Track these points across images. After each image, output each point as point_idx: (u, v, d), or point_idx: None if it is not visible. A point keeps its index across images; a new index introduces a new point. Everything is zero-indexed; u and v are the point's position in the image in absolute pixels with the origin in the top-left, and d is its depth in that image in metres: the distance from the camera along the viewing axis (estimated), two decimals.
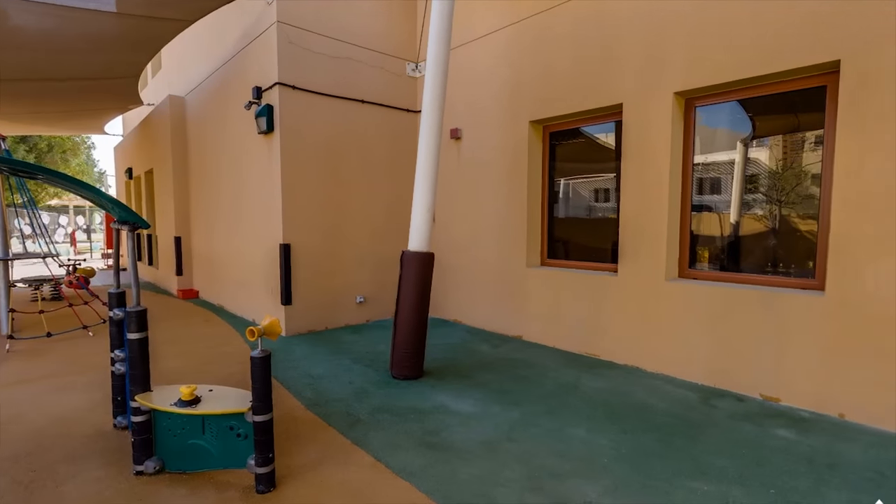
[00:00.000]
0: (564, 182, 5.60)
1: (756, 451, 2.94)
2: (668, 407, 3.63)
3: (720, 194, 4.40)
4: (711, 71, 3.96)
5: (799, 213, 3.93)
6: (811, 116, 3.76)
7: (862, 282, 3.29)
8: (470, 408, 3.62)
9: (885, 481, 2.60)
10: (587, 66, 4.81)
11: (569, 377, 4.30)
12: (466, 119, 6.15)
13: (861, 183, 3.29)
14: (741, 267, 4.25)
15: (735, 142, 4.27)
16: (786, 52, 3.57)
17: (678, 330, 4.25)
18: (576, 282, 5.06)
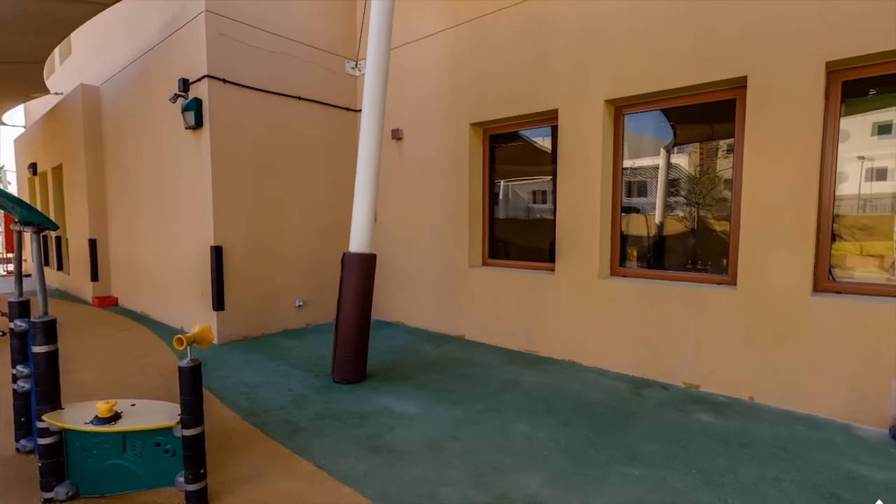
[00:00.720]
0: (504, 184, 5.75)
1: (680, 435, 3.17)
2: (602, 398, 3.82)
3: (646, 197, 4.70)
4: (636, 81, 4.22)
5: (714, 214, 4.29)
6: (724, 126, 4.12)
7: (766, 277, 3.65)
8: (413, 409, 3.62)
9: (788, 455, 2.90)
10: (524, 72, 4.96)
11: (510, 374, 4.41)
12: (408, 120, 6.14)
13: (764, 188, 3.64)
14: (665, 265, 4.57)
15: (659, 148, 4.58)
16: (701, 66, 3.88)
17: (610, 325, 4.49)
18: (516, 281, 5.20)
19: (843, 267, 3.64)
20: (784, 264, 3.58)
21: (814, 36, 3.38)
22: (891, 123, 3.55)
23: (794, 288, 3.54)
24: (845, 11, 3.26)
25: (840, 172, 3.57)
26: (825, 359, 3.43)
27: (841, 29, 3.28)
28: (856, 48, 3.25)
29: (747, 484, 2.59)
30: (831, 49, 3.33)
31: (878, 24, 3.16)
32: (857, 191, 3.64)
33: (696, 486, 2.57)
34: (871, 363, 3.26)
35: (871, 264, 3.57)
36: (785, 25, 3.49)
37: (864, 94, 3.53)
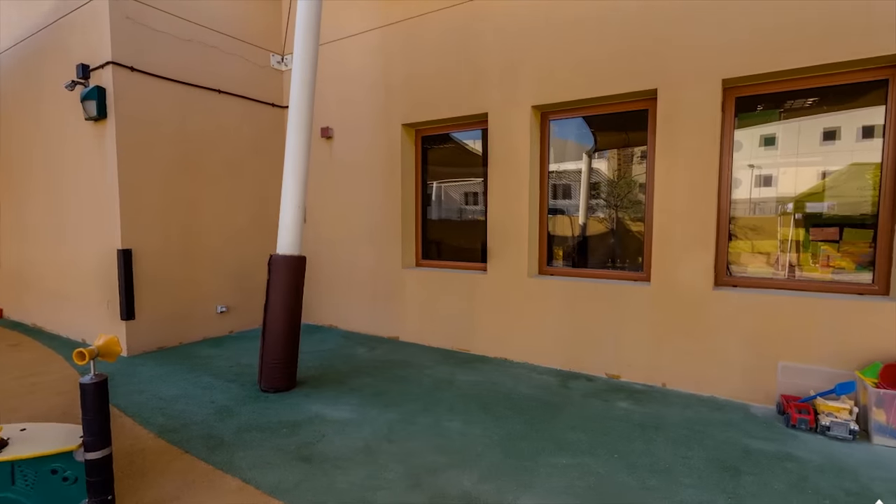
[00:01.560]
0: (437, 185, 5.79)
1: (603, 423, 3.37)
2: (532, 393, 3.97)
3: (571, 199, 4.96)
4: (560, 89, 4.44)
5: (631, 216, 4.61)
6: (638, 135, 4.45)
7: (675, 273, 4.00)
8: (347, 414, 3.54)
9: (695, 435, 3.18)
10: (455, 75, 5.04)
11: (445, 374, 4.45)
12: (338, 118, 5.99)
13: (671, 192, 3.98)
14: (588, 263, 4.85)
15: (582, 153, 4.85)
16: (616, 78, 4.16)
17: (539, 322, 4.68)
18: (449, 281, 5.26)
19: (738, 263, 4.07)
20: (690, 262, 3.93)
21: (711, 56, 3.75)
22: (774, 136, 4.03)
23: (698, 283, 3.90)
24: (736, 36, 3.65)
25: (735, 179, 3.99)
26: (724, 346, 3.82)
27: (733, 51, 3.67)
28: (745, 69, 3.65)
29: (662, 464, 2.81)
30: (726, 68, 3.71)
31: (764, 47, 3.57)
32: (748, 195, 4.10)
33: (617, 470, 2.75)
34: (761, 348, 3.68)
35: (760, 261, 4.03)
36: (687, 45, 3.83)
37: (754, 109, 3.98)
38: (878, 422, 3.06)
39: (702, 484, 2.60)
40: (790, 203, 3.93)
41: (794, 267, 3.90)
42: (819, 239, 3.80)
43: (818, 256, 3.81)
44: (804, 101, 3.83)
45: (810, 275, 3.82)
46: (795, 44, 3.46)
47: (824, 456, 2.90)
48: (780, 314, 3.61)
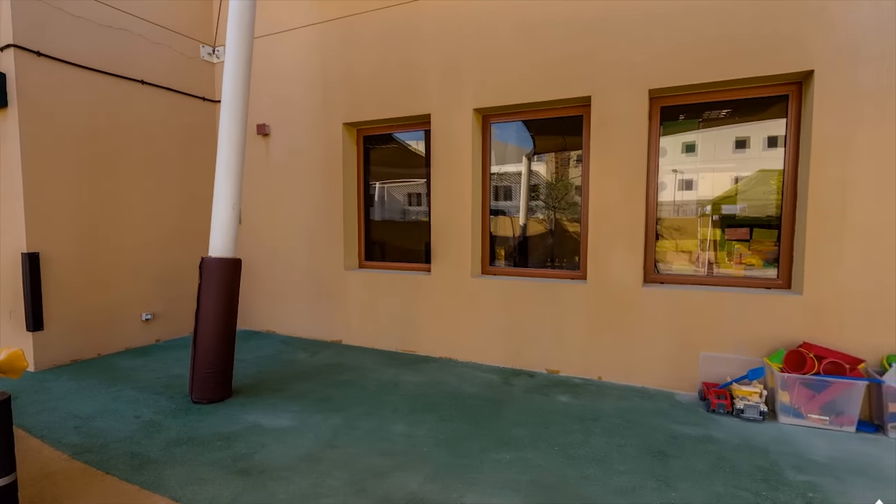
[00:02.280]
0: (380, 186, 5.73)
1: (544, 417, 3.49)
2: (477, 391, 4.03)
3: (511, 200, 5.09)
4: (500, 93, 4.55)
5: (568, 217, 4.81)
6: (574, 139, 4.65)
7: (608, 271, 4.22)
8: (287, 422, 3.41)
9: (628, 424, 3.38)
10: (397, 76, 5.01)
11: (389, 376, 4.41)
12: (276, 115, 5.77)
13: (604, 195, 4.20)
14: (529, 263, 5.00)
15: (521, 156, 5.00)
16: (553, 85, 4.33)
17: (483, 321, 4.76)
18: (393, 282, 5.22)
19: (664, 261, 4.37)
20: (622, 260, 4.17)
21: (638, 67, 4.00)
22: (695, 143, 4.36)
23: (629, 280, 4.14)
24: (659, 50, 3.91)
25: (661, 183, 4.28)
26: (653, 338, 4.08)
27: (657, 64, 3.93)
28: (667, 80, 3.92)
29: (599, 453, 2.96)
30: (651, 79, 3.97)
31: (682, 62, 3.85)
32: (672, 198, 4.40)
33: (558, 462, 2.85)
34: (685, 340, 3.97)
35: (683, 259, 4.34)
36: (617, 56, 4.06)
37: (677, 118, 4.28)
38: (783, 403, 3.40)
39: (634, 470, 2.76)
40: (708, 205, 4.27)
41: (713, 264, 4.25)
42: (733, 238, 4.16)
43: (732, 254, 4.17)
44: (719, 112, 4.18)
45: (726, 271, 4.17)
46: (709, 60, 3.77)
47: (739, 436, 3.18)
48: (701, 308, 3.91)
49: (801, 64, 3.52)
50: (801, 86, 3.72)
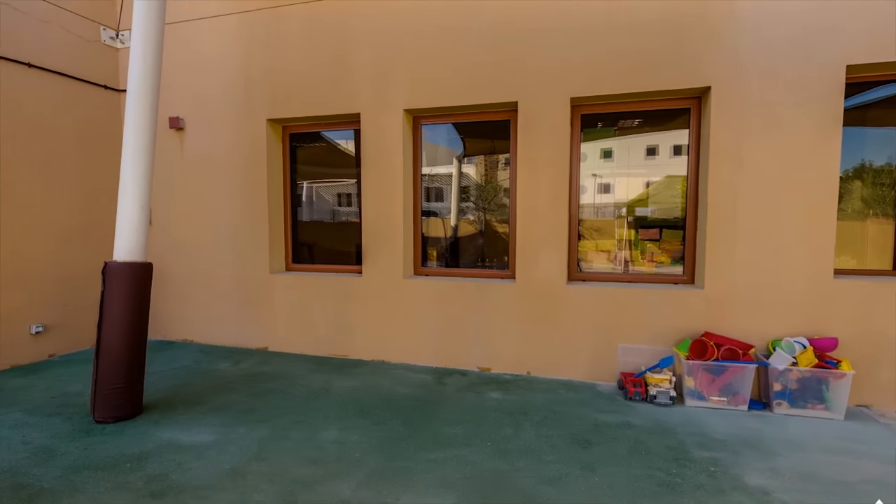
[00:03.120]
0: (308, 185, 5.54)
1: (476, 414, 3.56)
2: (410, 392, 4.02)
3: (443, 202, 5.14)
4: (431, 95, 4.58)
5: (497, 218, 4.95)
6: (502, 143, 4.79)
7: (535, 270, 4.40)
8: (208, 437, 3.19)
9: (555, 415, 3.54)
10: (324, 72, 4.87)
11: (319, 382, 4.27)
12: (191, 108, 5.37)
13: (532, 197, 4.38)
14: (460, 263, 5.08)
15: (452, 158, 5.07)
16: (481, 88, 4.43)
17: (415, 322, 4.77)
18: (323, 285, 5.07)
19: (586, 260, 4.64)
20: (548, 260, 4.36)
21: (561, 76, 4.21)
22: (611, 150, 4.67)
23: (555, 279, 4.35)
24: (578, 60, 4.15)
25: (582, 186, 4.54)
26: (577, 333, 4.31)
27: (577, 74, 4.16)
28: (585, 90, 4.16)
29: (528, 446, 3.07)
30: (572, 88, 4.20)
31: (597, 74, 4.11)
32: (592, 201, 4.69)
33: (490, 457, 2.93)
34: (605, 333, 4.23)
35: (603, 258, 4.64)
36: (542, 64, 4.25)
37: (595, 126, 4.57)
38: (689, 387, 3.74)
39: (561, 459, 2.90)
40: (624, 208, 4.59)
41: (629, 262, 4.58)
42: (645, 238, 4.51)
43: (645, 253, 4.52)
44: (633, 122, 4.52)
45: (640, 269, 4.51)
46: (623, 72, 4.06)
47: (653, 421, 3.45)
48: (619, 303, 4.20)
49: (699, 80, 3.90)
50: (700, 100, 4.12)
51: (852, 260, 4.01)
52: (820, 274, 3.75)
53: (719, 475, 2.71)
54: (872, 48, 3.56)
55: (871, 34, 3.55)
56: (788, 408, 3.57)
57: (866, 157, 4.00)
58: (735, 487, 2.59)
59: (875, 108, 3.95)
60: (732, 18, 3.80)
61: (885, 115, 3.94)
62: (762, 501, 2.46)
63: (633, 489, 2.58)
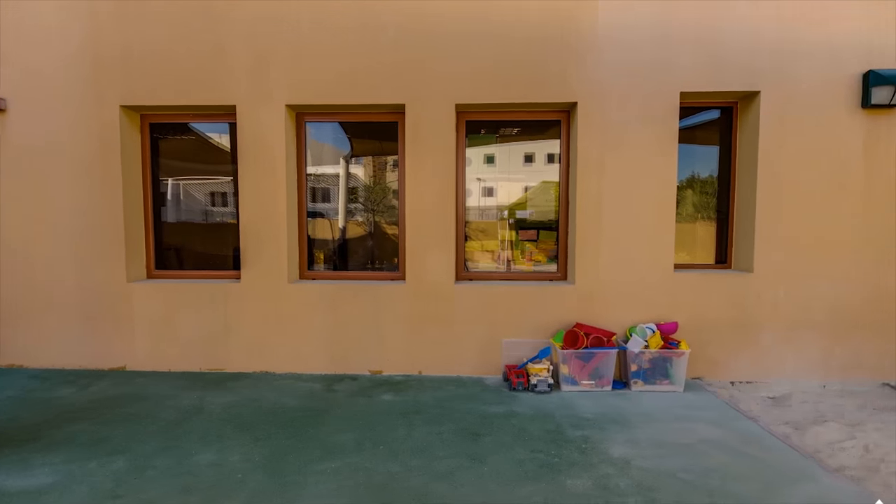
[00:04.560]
0: (174, 183, 4.96)
1: (368, 419, 3.51)
2: (297, 403, 3.82)
3: (330, 202, 4.98)
4: (316, 91, 4.41)
5: (387, 220, 4.94)
6: (391, 144, 4.79)
7: (425, 271, 4.48)
8: (46, 478, 2.68)
9: (446, 412, 3.64)
10: (195, 57, 4.42)
11: (191, 400, 3.85)
12: (18, 87, 4.48)
13: (420, 199, 4.45)
14: (349, 265, 4.96)
15: (339, 158, 4.93)
16: (368, 89, 4.39)
17: (302, 329, 4.54)
18: (194, 293, 4.58)
19: (472, 260, 4.85)
20: (437, 260, 4.47)
21: (447, 82, 4.34)
22: (494, 155, 4.95)
23: (443, 279, 4.47)
24: (462, 69, 4.33)
25: (467, 189, 4.74)
26: (465, 330, 4.48)
27: (461, 82, 4.34)
28: (468, 98, 4.36)
29: (421, 444, 3.11)
30: (458, 95, 4.36)
31: (483, 81, 4.33)
32: (477, 203, 4.92)
33: (384, 460, 2.91)
34: (491, 329, 4.47)
35: (488, 258, 4.89)
36: (430, 69, 4.34)
37: (479, 132, 4.80)
38: (564, 374, 4.11)
39: (453, 454, 2.99)
40: (506, 210, 4.90)
41: (510, 261, 4.89)
42: (524, 239, 4.86)
43: (525, 252, 4.87)
44: (512, 130, 4.84)
45: (520, 267, 4.85)
46: (502, 84, 4.32)
47: (534, 408, 3.73)
48: (502, 300, 4.46)
49: (568, 96, 4.32)
50: (569, 114, 4.56)
51: (687, 256, 4.76)
52: (664, 268, 4.38)
53: (589, 451, 3.03)
54: (699, 79, 4.27)
55: (697, 68, 4.25)
56: (643, 385, 4.12)
57: (695, 170, 4.78)
58: (602, 460, 2.91)
59: (701, 129, 4.75)
60: (594, 45, 4.27)
61: (709, 135, 4.75)
62: (624, 469, 2.80)
63: (518, 473, 2.76)
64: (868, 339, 4.37)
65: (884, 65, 4.17)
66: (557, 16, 4.26)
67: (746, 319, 4.39)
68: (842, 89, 4.22)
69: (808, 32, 4.20)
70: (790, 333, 4.39)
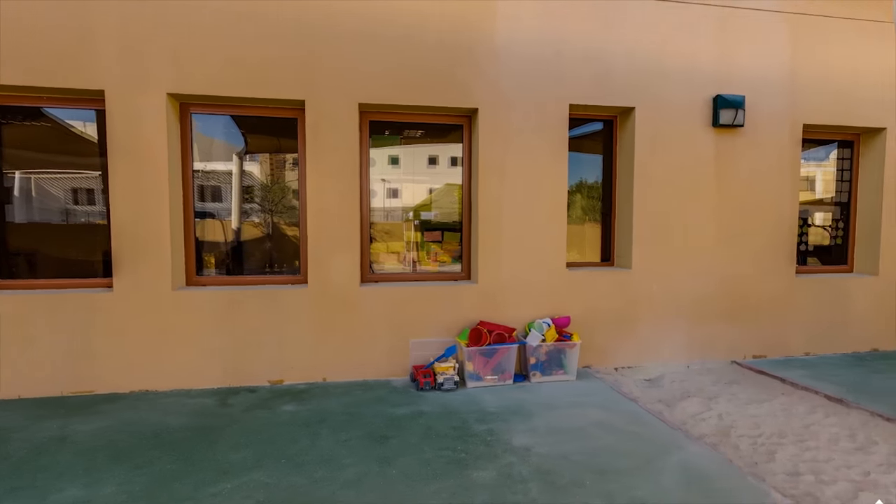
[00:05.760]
0: (23, 176, 4.23)
1: (268, 432, 3.30)
2: (185, 422, 3.47)
3: (222, 202, 4.60)
4: (201, 81, 4.04)
5: (286, 221, 4.69)
6: (290, 142, 4.56)
7: (329, 274, 4.33)
8: None
9: (352, 418, 3.55)
10: (52, 32, 3.81)
11: (50, 431, 3.31)
12: None
13: (323, 199, 4.30)
14: (245, 269, 4.63)
15: (231, 154, 4.58)
16: (265, 82, 4.13)
17: (191, 340, 4.14)
18: (52, 306, 3.94)
19: (378, 262, 4.80)
20: (341, 263, 4.35)
21: (350, 81, 4.25)
22: (398, 157, 4.95)
23: (348, 281, 4.36)
24: (367, 69, 4.27)
25: (372, 190, 4.68)
26: (371, 333, 4.42)
27: (364, 81, 4.28)
28: (374, 97, 4.31)
29: (326, 454, 3.00)
30: (361, 94, 4.28)
31: (385, 82, 4.31)
32: (382, 204, 4.88)
33: (286, 474, 2.75)
34: (398, 330, 4.46)
35: (393, 259, 4.87)
36: (332, 66, 4.21)
37: (383, 133, 4.76)
38: (469, 371, 4.24)
39: (360, 460, 2.93)
40: (411, 212, 4.92)
41: (416, 262, 4.92)
42: (430, 240, 4.93)
43: (430, 253, 4.94)
44: (416, 132, 4.88)
45: (426, 268, 4.90)
46: (405, 86, 4.34)
47: (441, 406, 3.79)
48: (408, 301, 4.47)
49: (470, 102, 4.46)
50: (471, 119, 4.72)
51: (577, 255, 5.18)
52: (558, 267, 4.72)
53: (494, 443, 3.16)
54: (586, 94, 4.66)
55: (584, 84, 4.64)
56: (541, 377, 4.40)
57: (583, 176, 5.22)
58: (506, 450, 3.05)
59: (588, 139, 5.20)
60: (494, 55, 4.46)
61: (594, 145, 5.21)
62: (525, 457, 2.96)
63: (426, 472, 2.79)
64: (721, 324, 5.12)
65: (730, 90, 4.91)
66: (460, 25, 4.38)
67: (627, 311, 4.90)
68: (698, 110, 4.90)
69: (673, 60, 4.81)
70: (662, 322, 4.99)
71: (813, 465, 3.00)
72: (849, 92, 5.20)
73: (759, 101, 4.97)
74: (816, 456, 3.11)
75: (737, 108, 4.83)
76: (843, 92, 5.18)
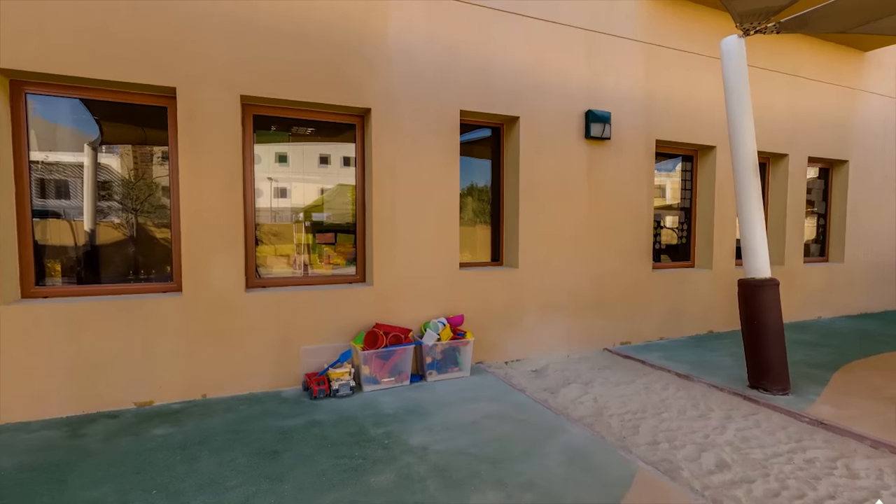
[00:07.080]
0: None
1: (135, 462, 2.91)
2: (22, 462, 2.90)
3: (70, 199, 3.95)
4: (42, 57, 3.44)
5: (154, 221, 4.18)
6: (159, 133, 4.07)
7: (207, 280, 3.95)
8: None
9: (238, 435, 3.28)
10: None
11: None
12: None
13: (200, 198, 3.91)
14: (102, 278, 4.02)
15: (83, 144, 3.95)
16: (125, 63, 3.63)
17: (27, 362, 3.47)
18: None
19: (265, 266, 4.49)
20: (222, 267, 3.99)
21: (229, 70, 3.92)
22: (287, 154, 4.69)
23: (231, 287, 4.02)
24: (247, 58, 3.98)
25: (257, 189, 4.37)
26: (258, 343, 4.12)
27: (245, 71, 3.97)
28: (256, 90, 4.03)
29: (207, 478, 2.73)
30: (243, 85, 3.98)
31: (268, 75, 4.06)
32: (269, 204, 4.58)
33: None
34: (288, 338, 4.22)
35: (283, 262, 4.60)
36: (208, 52, 3.84)
37: (269, 129, 4.48)
38: (365, 374, 4.17)
39: (246, 480, 2.71)
40: (301, 213, 4.69)
41: (308, 266, 4.70)
42: (322, 242, 4.75)
43: (322, 256, 4.75)
44: (306, 130, 4.66)
45: (318, 271, 4.71)
46: (289, 80, 4.13)
47: (337, 413, 3.67)
48: (300, 306, 4.26)
49: (362, 102, 4.39)
50: (364, 119, 4.65)
51: (470, 255, 5.39)
52: (451, 267, 4.86)
53: (392, 445, 3.14)
54: (474, 101, 4.86)
55: (474, 91, 4.85)
56: (437, 375, 4.48)
57: (474, 180, 5.45)
58: (404, 451, 3.05)
59: (478, 144, 5.43)
60: (387, 56, 4.44)
61: (484, 150, 5.46)
62: (422, 456, 3.00)
63: (322, 483, 2.68)
64: (594, 315, 5.69)
65: (599, 106, 5.49)
66: (350, 22, 4.29)
67: (514, 308, 5.21)
68: (574, 122, 5.40)
69: (550, 75, 5.23)
70: (545, 316, 5.40)
71: (667, 433, 3.48)
72: (688, 114, 6.13)
73: (622, 118, 5.63)
74: (670, 426, 3.61)
75: (604, 123, 5.41)
76: (683, 114, 6.10)
